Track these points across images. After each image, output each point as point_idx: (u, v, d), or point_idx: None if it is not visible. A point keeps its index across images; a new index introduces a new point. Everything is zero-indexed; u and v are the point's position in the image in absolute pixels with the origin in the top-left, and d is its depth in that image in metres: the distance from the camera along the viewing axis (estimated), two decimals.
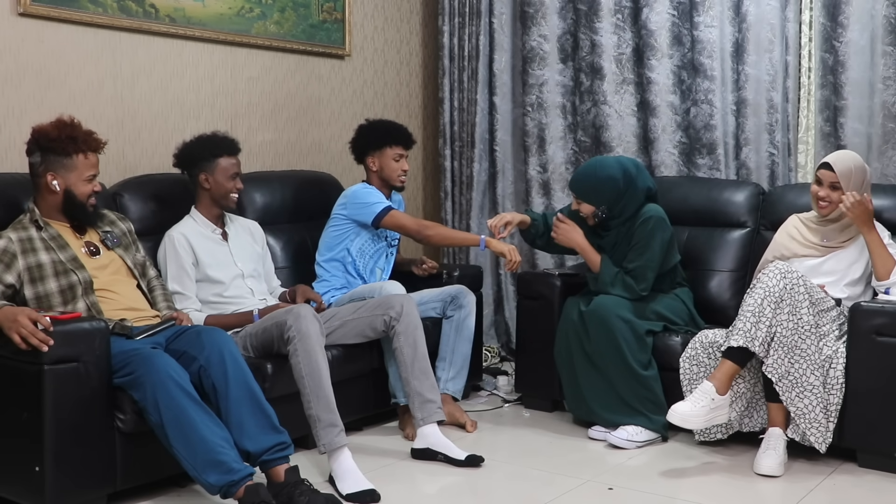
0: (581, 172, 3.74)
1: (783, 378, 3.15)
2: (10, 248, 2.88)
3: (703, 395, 3.17)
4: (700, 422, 3.17)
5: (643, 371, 3.49)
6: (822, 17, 4.13)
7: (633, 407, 3.49)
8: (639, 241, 3.60)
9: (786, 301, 3.16)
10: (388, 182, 3.93)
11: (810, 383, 3.15)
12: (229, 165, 3.48)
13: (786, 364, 3.15)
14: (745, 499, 3.06)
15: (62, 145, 2.95)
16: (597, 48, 4.59)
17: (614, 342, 3.48)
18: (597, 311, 3.53)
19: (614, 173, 3.63)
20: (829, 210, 3.44)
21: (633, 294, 3.58)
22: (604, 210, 3.65)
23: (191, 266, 3.40)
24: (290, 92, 4.43)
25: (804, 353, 3.16)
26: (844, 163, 3.42)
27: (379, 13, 4.87)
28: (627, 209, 3.64)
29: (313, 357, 3.08)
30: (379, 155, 3.91)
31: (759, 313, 3.16)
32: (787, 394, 3.16)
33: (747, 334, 3.16)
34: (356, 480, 2.97)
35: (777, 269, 3.22)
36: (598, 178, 3.64)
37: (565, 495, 3.02)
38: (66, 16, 3.53)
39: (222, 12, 4.06)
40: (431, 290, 3.89)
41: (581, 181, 3.69)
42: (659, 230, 3.60)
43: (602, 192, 3.63)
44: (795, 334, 3.16)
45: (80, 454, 2.69)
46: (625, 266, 3.61)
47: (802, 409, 3.16)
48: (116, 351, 2.78)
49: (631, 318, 3.51)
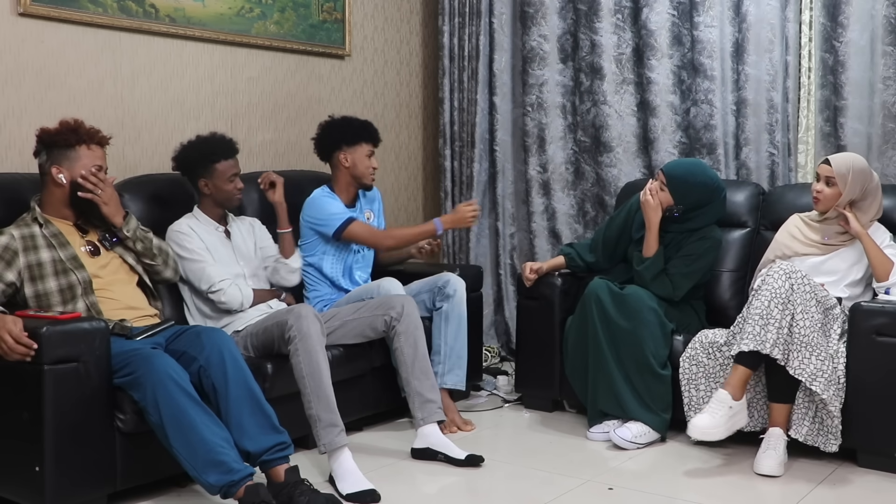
0: (684, 164, 3.73)
1: (816, 377, 3.12)
2: (11, 246, 2.88)
3: (720, 404, 3.15)
4: (722, 431, 3.15)
5: (660, 369, 3.49)
6: (822, 17, 4.13)
7: (643, 401, 3.49)
8: (691, 252, 3.62)
9: (793, 301, 3.15)
10: (359, 179, 3.85)
11: (836, 378, 3.15)
12: (227, 168, 3.47)
13: (814, 363, 3.12)
14: (746, 499, 3.06)
15: (64, 138, 2.98)
16: (597, 48, 4.59)
17: (640, 333, 3.48)
18: (631, 298, 3.52)
19: (712, 185, 3.64)
20: (822, 206, 3.45)
21: (668, 294, 3.59)
22: (679, 209, 3.63)
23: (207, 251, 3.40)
24: (290, 92, 4.43)
25: (825, 350, 3.15)
26: (844, 161, 3.42)
27: (379, 13, 4.86)
28: (695, 222, 3.65)
29: (314, 357, 3.08)
30: (352, 151, 3.82)
31: (768, 315, 3.14)
32: (826, 392, 3.12)
33: (757, 338, 3.13)
34: (356, 480, 2.97)
35: (781, 270, 3.20)
36: (697, 178, 3.63)
37: (565, 495, 3.02)
38: (66, 16, 3.53)
39: (222, 12, 4.06)
40: (418, 282, 3.84)
41: (680, 172, 3.65)
42: (713, 252, 3.66)
43: (692, 193, 3.62)
44: (813, 332, 3.14)
45: (80, 454, 2.69)
46: (667, 269, 3.62)
47: (837, 407, 3.14)
48: (116, 351, 2.78)
49: (661, 314, 3.52)
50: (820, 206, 3.46)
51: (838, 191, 3.40)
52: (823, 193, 3.43)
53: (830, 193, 3.42)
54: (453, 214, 3.84)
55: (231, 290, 3.38)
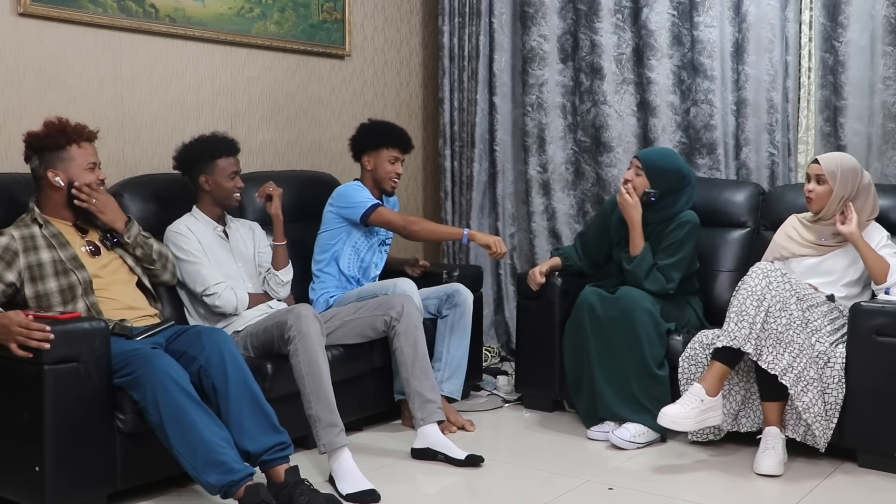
0: (658, 151, 3.84)
1: (787, 371, 3.14)
2: (11, 246, 2.88)
3: (692, 397, 3.19)
4: (691, 423, 3.18)
5: (657, 370, 3.49)
6: (822, 17, 4.13)
7: (641, 403, 3.49)
8: (673, 240, 3.63)
9: (769, 298, 3.17)
10: (380, 184, 3.92)
11: (811, 377, 3.16)
12: (228, 165, 3.48)
13: (787, 358, 3.15)
14: (745, 499, 3.06)
15: (53, 140, 2.97)
16: (597, 48, 4.59)
17: (635, 334, 3.48)
18: (624, 299, 3.53)
19: (685, 171, 3.73)
20: (816, 205, 3.46)
21: (662, 289, 3.59)
22: (655, 194, 3.66)
23: (204, 253, 3.40)
24: (290, 92, 4.43)
25: (800, 347, 3.16)
26: (833, 159, 3.46)
27: (379, 13, 4.87)
28: (671, 207, 3.67)
29: (314, 357, 3.08)
30: (375, 155, 3.90)
31: (743, 312, 3.18)
32: (794, 387, 3.14)
33: (731, 334, 3.18)
34: (356, 480, 2.97)
35: (759, 269, 3.25)
36: (671, 163, 3.70)
37: (565, 495, 3.02)
38: (66, 16, 3.53)
39: (222, 12, 4.06)
40: (428, 289, 3.89)
41: (655, 157, 3.73)
42: (693, 236, 3.66)
43: (666, 177, 3.66)
44: (789, 329, 3.16)
45: (80, 454, 2.69)
46: (655, 262, 3.63)
47: (808, 404, 3.15)
48: (116, 351, 2.78)
49: (655, 315, 3.52)
50: (813, 205, 3.48)
51: (829, 188, 3.42)
52: (815, 192, 3.45)
53: (822, 191, 3.44)
54: (486, 236, 3.85)
55: (226, 294, 3.37)
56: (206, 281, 3.36)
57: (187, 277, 3.38)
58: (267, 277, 3.60)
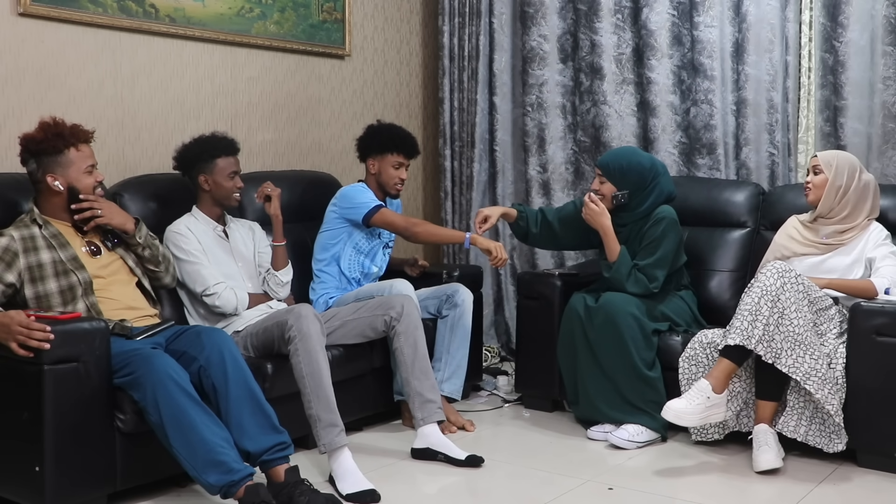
0: (614, 152, 3.79)
1: (810, 376, 3.13)
2: (11, 247, 2.88)
3: (698, 392, 3.18)
4: (695, 419, 3.18)
5: (648, 371, 3.49)
6: (822, 17, 4.13)
7: (635, 405, 3.49)
8: (651, 240, 3.61)
9: (783, 299, 3.16)
10: (384, 187, 3.92)
11: (829, 377, 3.16)
12: (228, 165, 3.48)
13: (808, 361, 3.14)
14: (745, 498, 3.06)
15: (51, 144, 2.94)
16: (597, 48, 4.59)
17: (621, 339, 3.48)
18: (606, 306, 3.53)
19: (646, 163, 3.68)
20: (813, 195, 3.49)
21: (645, 290, 3.58)
22: (625, 195, 3.65)
23: (204, 253, 3.40)
24: (290, 92, 4.43)
25: (818, 348, 3.16)
26: (831, 152, 3.55)
27: (379, 13, 4.87)
28: (645, 204, 3.66)
29: (314, 357, 3.08)
30: (380, 159, 3.90)
31: (756, 311, 3.16)
32: (820, 391, 3.13)
33: (744, 332, 3.16)
34: (356, 480, 2.97)
35: (774, 268, 3.23)
36: (630, 162, 3.67)
37: (565, 495, 3.02)
38: (66, 16, 3.53)
39: (222, 12, 4.06)
40: (427, 289, 3.89)
41: (612, 160, 3.70)
42: (671, 231, 3.62)
43: (629, 177, 3.65)
44: (806, 331, 3.16)
45: (80, 454, 2.69)
46: (636, 263, 3.62)
47: (836, 406, 3.15)
48: (116, 351, 2.78)
49: (640, 317, 3.52)
50: (811, 195, 3.50)
51: (825, 177, 3.45)
52: (812, 181, 3.50)
53: (819, 180, 3.47)
54: (488, 241, 3.74)
55: (226, 294, 3.37)
56: (205, 281, 3.36)
57: (187, 277, 3.38)
58: (267, 278, 3.60)
